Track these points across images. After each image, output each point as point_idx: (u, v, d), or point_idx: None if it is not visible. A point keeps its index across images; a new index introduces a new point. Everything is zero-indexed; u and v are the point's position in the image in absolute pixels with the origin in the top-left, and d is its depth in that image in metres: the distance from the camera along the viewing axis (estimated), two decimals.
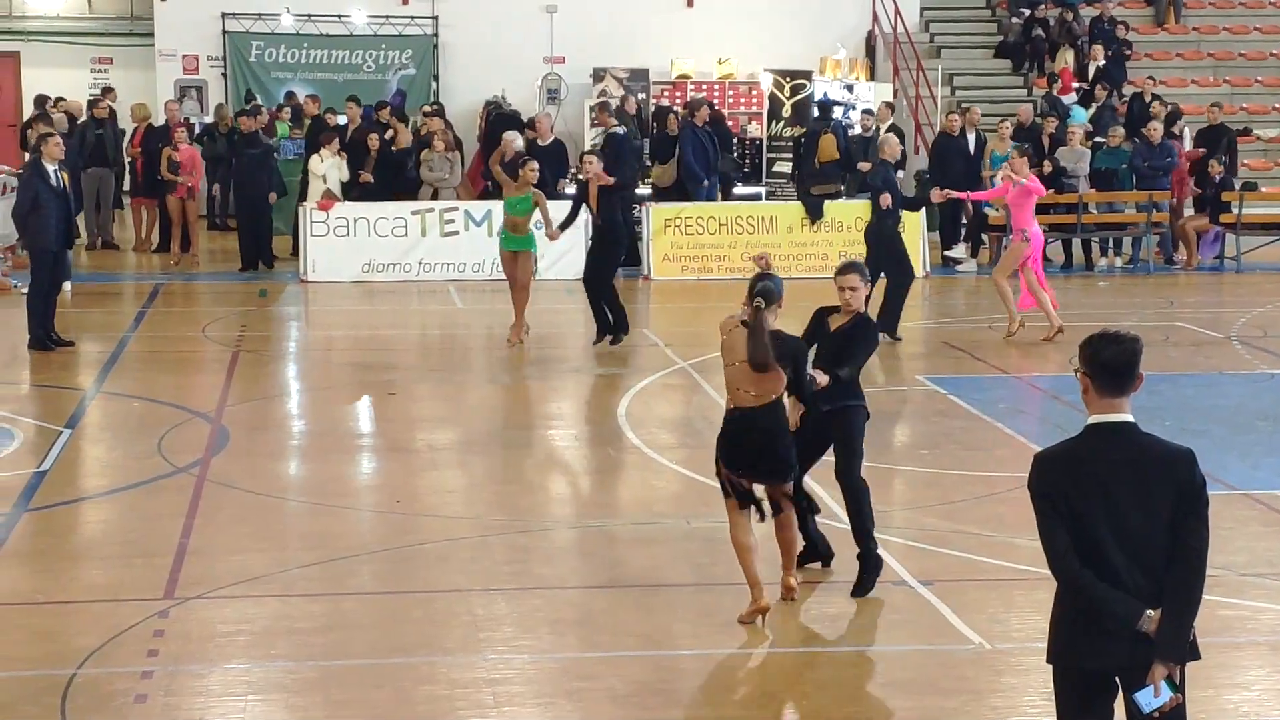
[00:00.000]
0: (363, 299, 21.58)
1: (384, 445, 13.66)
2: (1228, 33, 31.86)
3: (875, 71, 30.22)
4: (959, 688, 8.29)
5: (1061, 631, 5.80)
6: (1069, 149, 24.11)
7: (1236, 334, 18.66)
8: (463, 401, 15.77)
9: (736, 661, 8.89)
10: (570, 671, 8.50)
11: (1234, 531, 10.76)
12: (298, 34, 29.59)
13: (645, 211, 23.37)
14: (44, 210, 17.24)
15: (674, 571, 10.06)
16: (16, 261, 22.28)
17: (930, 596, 9.58)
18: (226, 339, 18.27)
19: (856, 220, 23.10)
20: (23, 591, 9.76)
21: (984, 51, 31.16)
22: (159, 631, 8.95)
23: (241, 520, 11.18)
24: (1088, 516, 5.62)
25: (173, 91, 29.09)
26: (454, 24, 29.81)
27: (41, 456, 12.85)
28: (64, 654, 8.59)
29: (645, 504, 11.69)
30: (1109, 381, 5.69)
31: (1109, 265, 24.63)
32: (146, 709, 7.92)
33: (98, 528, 11.37)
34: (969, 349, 17.52)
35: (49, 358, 17.05)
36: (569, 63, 29.44)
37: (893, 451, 13.45)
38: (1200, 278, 24.01)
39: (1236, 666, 8.63)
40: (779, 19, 29.80)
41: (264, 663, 8.55)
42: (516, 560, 10.33)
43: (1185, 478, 5.65)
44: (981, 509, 11.50)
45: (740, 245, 22.66)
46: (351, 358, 17.75)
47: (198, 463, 12.60)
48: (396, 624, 9.14)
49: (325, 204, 22.67)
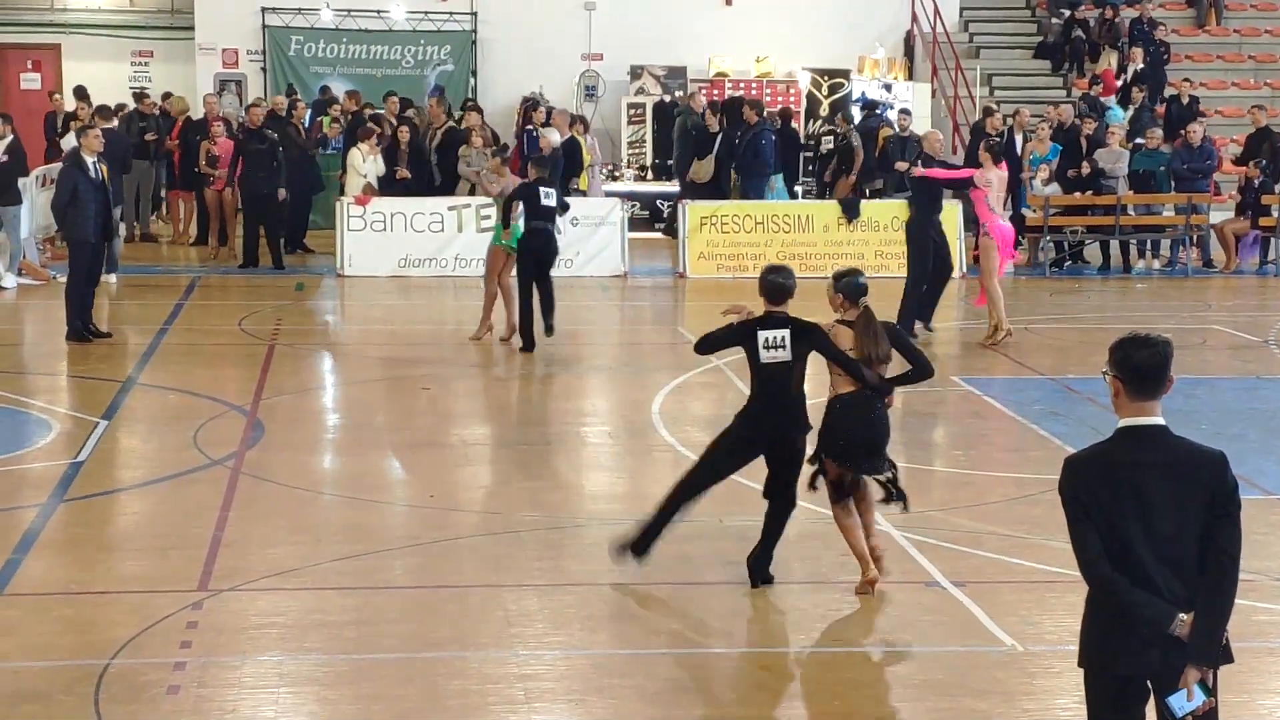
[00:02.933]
0: (399, 294, 21.63)
1: (418, 440, 13.68)
2: (1269, 35, 31.68)
3: (914, 71, 30.16)
4: (991, 689, 8.27)
5: (1093, 635, 5.78)
6: (1108, 150, 24.02)
7: (1274, 338, 18.56)
8: (497, 397, 15.80)
9: (768, 660, 8.89)
10: (602, 668, 8.51)
11: (1270, 536, 10.71)
12: (337, 29, 29.69)
13: (681, 209, 23.40)
14: (82, 202, 17.36)
15: (706, 569, 10.06)
16: (55, 253, 22.41)
17: (963, 597, 9.56)
18: (263, 332, 18.33)
19: (893, 219, 23.10)
20: (58, 581, 9.82)
21: (1023, 52, 31.06)
22: (192, 623, 8.99)
23: (275, 513, 11.22)
24: (1119, 520, 5.60)
25: (212, 85, 29.21)
26: (493, 20, 29.86)
27: (78, 447, 12.91)
28: (98, 644, 8.64)
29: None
30: (1140, 385, 5.66)
31: (1146, 267, 24.53)
32: (179, 700, 7.95)
33: (133, 519, 11.42)
34: (1003, 350, 17.46)
35: (86, 349, 17.14)
36: (606, 60, 29.48)
37: (927, 452, 13.43)
38: (1238, 281, 23.89)
39: (1271, 672, 8.59)
40: (817, 17, 29.76)
41: (296, 655, 8.58)
42: (548, 556, 10.34)
43: (1217, 481, 5.62)
44: (1015, 510, 11.47)
45: (776, 244, 22.64)
46: (386, 352, 17.79)
47: (233, 455, 12.65)
48: (428, 618, 9.16)
49: (362, 199, 22.73)
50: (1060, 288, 22.61)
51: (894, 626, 9.29)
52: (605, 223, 22.92)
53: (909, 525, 10.90)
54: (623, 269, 22.90)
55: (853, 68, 28.68)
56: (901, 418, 14.14)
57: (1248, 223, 24.24)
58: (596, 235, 22.84)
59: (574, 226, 22.41)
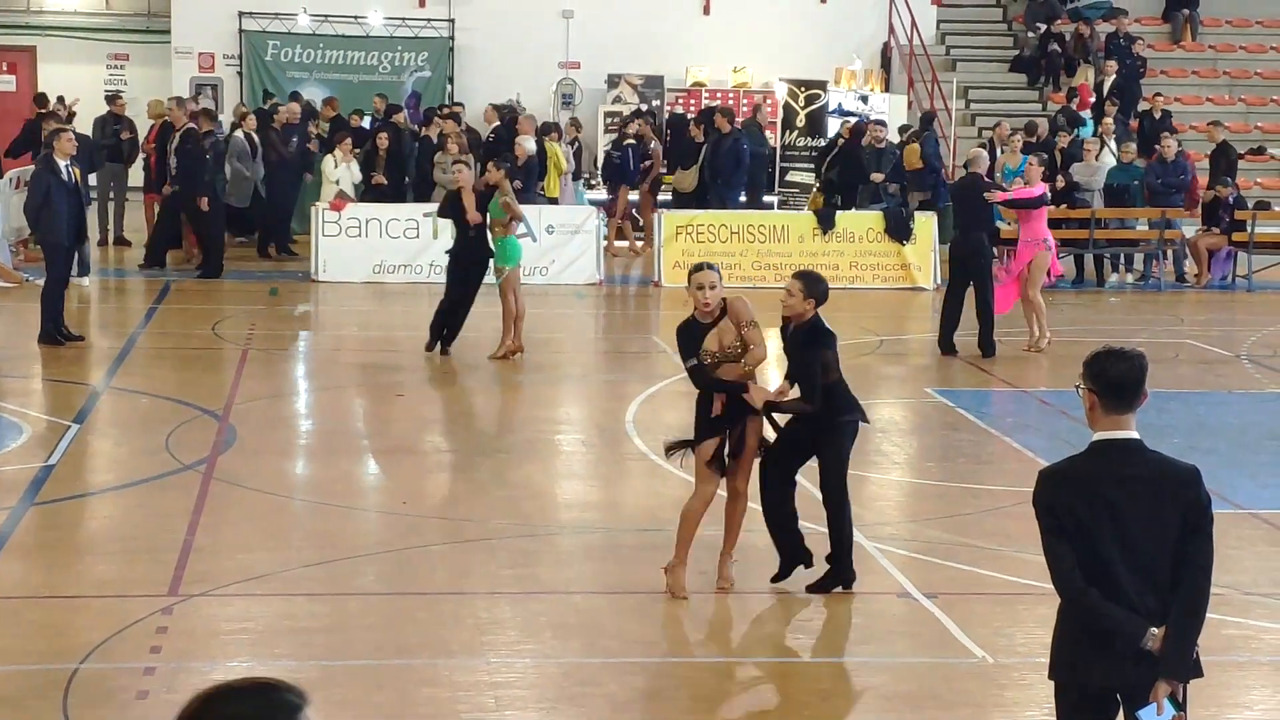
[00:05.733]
0: (373, 300, 21.59)
1: (391, 446, 13.66)
2: (1244, 51, 31.84)
3: (890, 83, 30.22)
4: (961, 701, 8.28)
5: (1064, 648, 5.79)
6: (1084, 164, 24.10)
7: (1246, 353, 18.63)
8: (470, 404, 15.78)
9: (739, 670, 8.89)
10: (573, 676, 8.50)
11: (1241, 551, 10.75)
12: (314, 34, 29.63)
13: (658, 218, 23.41)
14: (55, 205, 17.29)
15: None
16: (29, 255, 22.32)
17: (934, 609, 9.57)
18: (236, 337, 18.28)
19: (868, 230, 23.17)
20: (28, 585, 9.78)
21: (999, 65, 31.16)
22: (163, 628, 8.96)
23: (247, 518, 11.19)
24: (1093, 533, 5.60)
25: (188, 89, 29.13)
26: (470, 27, 29.84)
27: (49, 451, 12.86)
28: (68, 648, 8.60)
29: (651, 510, 11.67)
30: (1115, 398, 5.67)
31: (1120, 281, 24.62)
32: (148, 705, 7.92)
33: (104, 523, 11.38)
34: (978, 362, 17.50)
35: (58, 352, 17.07)
36: (584, 68, 29.48)
37: (900, 463, 13.45)
38: (1211, 296, 23.98)
39: (1240, 686, 8.62)
40: (795, 29, 29.81)
41: (267, 661, 8.55)
42: (521, 564, 10.33)
43: (1191, 495, 5.64)
44: (987, 523, 11.49)
45: (752, 254, 22.66)
46: (360, 358, 17.76)
47: (205, 460, 12.61)
48: (400, 625, 9.14)
49: (337, 204, 22.69)
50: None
51: (865, 637, 9.29)
52: (581, 231, 22.91)
53: (881, 536, 10.93)
54: (598, 277, 22.90)
55: (830, 79, 28.72)
56: (874, 429, 14.19)
57: (1223, 238, 24.34)
58: (572, 243, 22.83)
59: (549, 234, 22.42)
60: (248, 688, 3.06)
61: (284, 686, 3.06)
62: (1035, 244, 18.02)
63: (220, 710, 3.02)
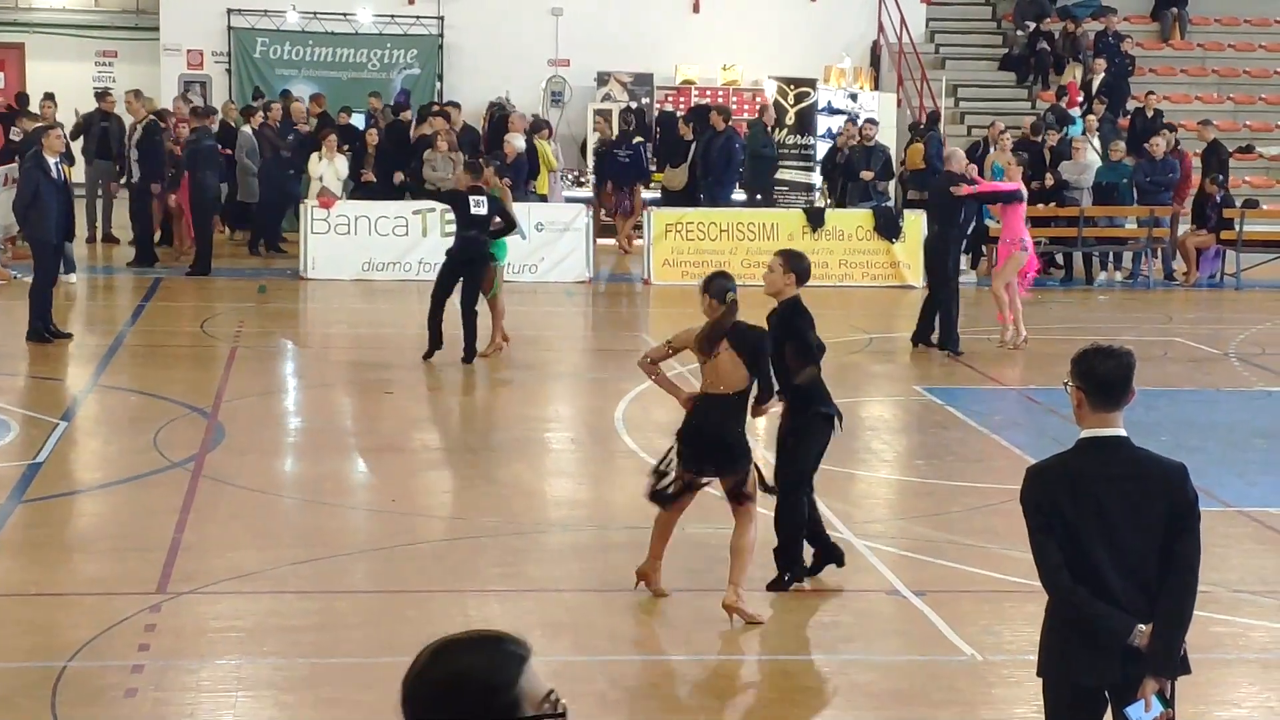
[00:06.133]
0: (362, 297, 21.57)
1: (380, 444, 13.65)
2: (1233, 50, 31.86)
3: (880, 81, 30.22)
4: (950, 699, 8.29)
5: (1053, 645, 5.80)
6: (1072, 162, 24.12)
7: (1234, 351, 18.66)
8: (459, 402, 15.77)
9: (728, 668, 8.89)
10: (562, 674, 8.48)
11: (1228, 548, 10.76)
12: (303, 31, 29.58)
13: (647, 216, 23.41)
14: (44, 203, 17.26)
15: (667, 577, 10.04)
16: (16, 253, 22.28)
17: (923, 607, 9.58)
18: (225, 335, 18.26)
19: (857, 229, 23.18)
20: (16, 583, 9.76)
21: (989, 63, 31.17)
22: (151, 626, 8.94)
23: (235, 516, 11.18)
24: (1080, 530, 5.61)
25: (177, 86, 29.08)
26: (459, 24, 29.80)
27: (37, 448, 12.84)
28: (56, 646, 8.59)
29: (640, 509, 11.61)
30: (1103, 396, 5.68)
31: (1109, 279, 24.64)
32: (136, 703, 7.91)
33: (92, 521, 11.36)
34: (967, 360, 17.51)
35: (46, 350, 17.04)
36: (574, 66, 29.47)
37: (889, 461, 13.46)
38: (1199, 294, 24.02)
39: (1227, 683, 8.63)
40: (785, 26, 29.81)
41: (255, 659, 8.55)
42: (510, 562, 10.33)
43: (1178, 492, 5.64)
44: (976, 520, 11.50)
45: (741, 251, 22.64)
46: (349, 356, 17.74)
47: (193, 458, 12.59)
48: (388, 623, 9.13)
49: (326, 201, 22.67)
50: (1023, 299, 22.66)
51: (854, 635, 9.30)
52: (570, 228, 22.89)
53: (870, 534, 10.94)
54: (587, 275, 22.88)
55: (819, 77, 28.72)
56: (863, 427, 14.21)
57: (1211, 236, 24.38)
58: (561, 241, 22.82)
59: (539, 232, 22.42)
60: (475, 640, 3.16)
61: (508, 638, 3.16)
62: (1012, 244, 18.04)
63: (449, 662, 3.10)
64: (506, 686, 3.06)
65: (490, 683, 3.06)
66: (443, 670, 3.10)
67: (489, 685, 3.06)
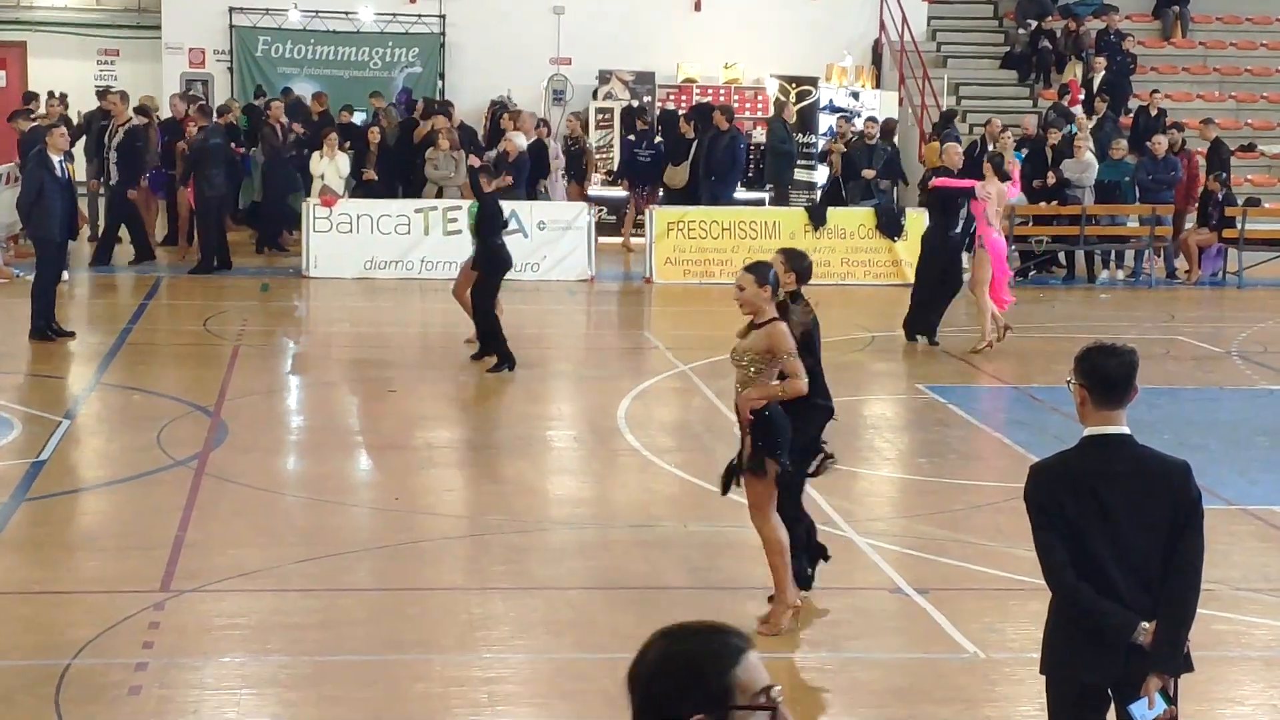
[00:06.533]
0: (364, 296, 21.57)
1: (383, 442, 13.65)
2: (1234, 48, 31.85)
3: (881, 80, 30.22)
4: (953, 696, 8.30)
5: (1056, 643, 5.80)
6: (1074, 160, 24.11)
7: (1237, 349, 18.66)
8: (462, 400, 15.77)
9: None
10: (565, 672, 8.51)
11: (1231, 546, 10.77)
12: (304, 29, 29.58)
13: (649, 214, 23.41)
14: (48, 201, 17.27)
15: (671, 575, 10.07)
16: (19, 251, 22.29)
17: (926, 604, 9.58)
18: (228, 333, 18.27)
19: (859, 227, 23.20)
20: (19, 581, 9.77)
21: (990, 62, 31.16)
22: (154, 624, 8.95)
23: (239, 514, 11.19)
24: (1084, 528, 5.61)
25: (179, 85, 29.09)
26: (461, 23, 29.80)
27: (40, 447, 12.85)
28: (59, 645, 8.59)
29: (643, 506, 11.69)
30: (1107, 393, 5.68)
31: (1110, 278, 24.64)
32: (140, 701, 7.92)
33: (95, 519, 11.37)
34: (969, 358, 17.52)
35: (49, 348, 17.05)
36: (575, 64, 29.47)
37: (892, 459, 13.47)
38: (1202, 292, 24.01)
39: (1230, 681, 8.63)
40: (786, 25, 29.80)
41: (258, 657, 8.56)
42: (514, 560, 10.33)
43: (1181, 490, 5.65)
44: (979, 518, 11.50)
45: (743, 250, 22.62)
46: (352, 354, 17.74)
47: (196, 456, 12.60)
48: (392, 621, 9.14)
49: (328, 200, 22.67)
50: (1025, 297, 22.63)
51: (857, 633, 9.30)
52: (572, 227, 22.89)
53: (873, 532, 10.95)
54: (589, 273, 22.88)
55: (821, 75, 28.72)
56: (865, 425, 14.22)
57: (1213, 234, 24.37)
58: (563, 239, 22.82)
59: (540, 230, 22.43)
60: (702, 628, 3.33)
61: (731, 630, 3.31)
62: (982, 245, 17.86)
63: (677, 646, 3.28)
64: (719, 674, 3.22)
65: (703, 668, 3.23)
66: (664, 651, 3.29)
67: (701, 671, 3.22)
